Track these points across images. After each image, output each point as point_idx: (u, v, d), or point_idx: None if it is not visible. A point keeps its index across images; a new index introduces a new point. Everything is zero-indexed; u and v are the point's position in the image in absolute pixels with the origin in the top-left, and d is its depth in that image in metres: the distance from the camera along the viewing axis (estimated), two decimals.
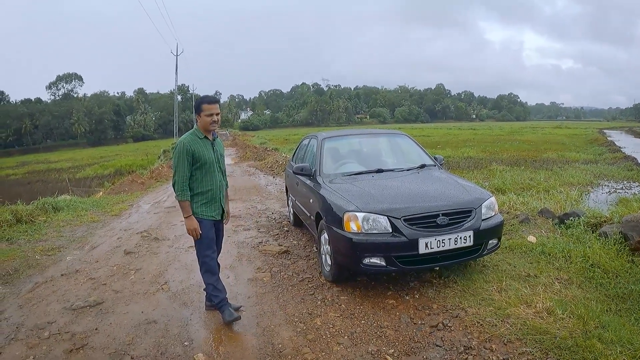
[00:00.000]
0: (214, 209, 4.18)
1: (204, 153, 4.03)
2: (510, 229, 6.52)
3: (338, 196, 4.93)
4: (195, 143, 4.02)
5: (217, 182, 4.16)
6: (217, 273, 4.27)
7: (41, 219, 8.95)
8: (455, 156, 21.73)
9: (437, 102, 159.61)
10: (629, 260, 5.10)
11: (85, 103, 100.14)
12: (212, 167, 4.09)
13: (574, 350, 3.43)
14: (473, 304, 4.32)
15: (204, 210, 4.12)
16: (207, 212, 4.13)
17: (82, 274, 5.72)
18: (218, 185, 4.17)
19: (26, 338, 4.03)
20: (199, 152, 4.00)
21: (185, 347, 3.82)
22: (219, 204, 4.21)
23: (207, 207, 4.13)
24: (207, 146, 4.09)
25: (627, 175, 14.27)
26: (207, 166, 4.06)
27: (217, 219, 4.26)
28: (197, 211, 4.09)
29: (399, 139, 6.90)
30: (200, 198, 4.09)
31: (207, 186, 4.09)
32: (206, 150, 4.06)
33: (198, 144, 4.02)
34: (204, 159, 4.03)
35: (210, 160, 4.07)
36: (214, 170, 4.12)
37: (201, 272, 4.23)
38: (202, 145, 4.04)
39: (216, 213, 4.21)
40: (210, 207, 4.15)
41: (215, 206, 4.18)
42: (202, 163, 4.03)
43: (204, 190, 4.09)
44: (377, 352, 3.65)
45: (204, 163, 4.04)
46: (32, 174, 40.45)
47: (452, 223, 4.51)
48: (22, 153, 76.49)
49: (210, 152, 4.09)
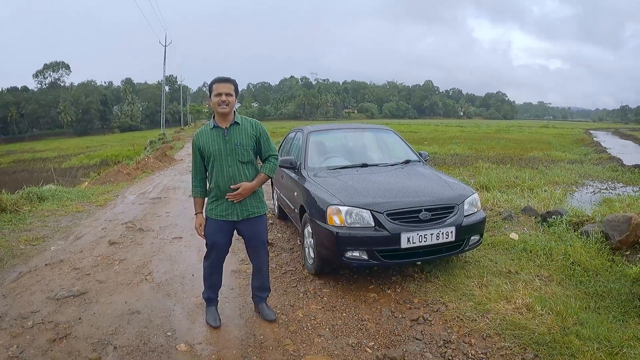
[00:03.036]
0: (225, 207, 3.80)
1: (209, 145, 3.72)
2: (493, 225, 6.60)
3: (322, 190, 4.97)
4: (202, 136, 3.78)
5: (226, 178, 3.72)
6: (217, 289, 4.17)
7: (26, 209, 8.88)
8: (441, 153, 21.79)
9: (425, 99, 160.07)
10: (609, 259, 5.20)
11: (72, 92, 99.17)
12: (219, 160, 3.72)
13: (552, 346, 3.50)
14: (454, 299, 4.39)
15: (211, 208, 3.83)
16: (214, 211, 3.82)
17: (66, 264, 5.70)
18: (227, 181, 3.72)
19: (10, 327, 4.01)
20: (204, 145, 3.74)
21: (168, 337, 3.84)
22: (230, 203, 3.79)
23: (215, 205, 3.82)
24: (216, 137, 3.73)
25: (612, 176, 14.38)
26: (213, 160, 3.73)
27: (230, 220, 3.84)
28: (207, 208, 3.89)
29: (384, 134, 6.94)
30: (210, 195, 3.84)
31: (214, 182, 3.76)
32: (213, 142, 3.72)
33: (205, 136, 3.77)
34: (209, 152, 3.72)
35: (216, 153, 3.71)
36: (222, 164, 3.72)
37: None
38: (210, 136, 3.74)
39: (227, 213, 3.81)
40: (219, 206, 3.81)
41: (225, 205, 3.80)
42: (208, 157, 3.75)
43: (212, 186, 3.80)
44: (357, 344, 3.69)
45: (210, 156, 3.73)
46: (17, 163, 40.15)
47: (434, 218, 4.56)
48: (8, 142, 75.62)
49: (218, 143, 3.72)
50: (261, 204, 3.95)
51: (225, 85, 3.66)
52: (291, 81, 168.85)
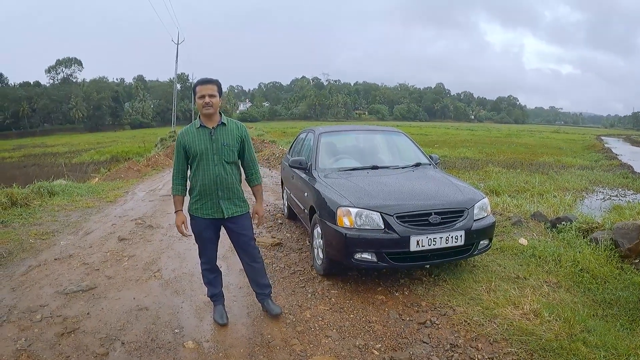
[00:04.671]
0: (210, 206, 3.83)
1: (195, 144, 3.73)
2: (502, 230, 6.57)
3: (332, 191, 4.97)
4: (188, 134, 3.79)
5: (212, 177, 3.76)
6: (218, 286, 4.19)
7: (36, 203, 8.96)
8: (452, 156, 21.82)
9: (437, 102, 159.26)
10: (618, 266, 5.16)
11: (84, 88, 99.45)
12: (204, 159, 3.74)
13: (559, 353, 3.48)
14: (461, 303, 4.37)
15: (197, 207, 3.85)
16: (201, 211, 3.84)
17: (75, 259, 5.74)
18: (213, 180, 3.76)
19: (18, 320, 4.05)
20: (189, 144, 3.75)
21: (175, 334, 3.86)
22: (215, 202, 3.82)
23: (200, 204, 3.84)
24: (203, 136, 3.75)
25: (622, 183, 14.33)
26: (199, 158, 3.74)
27: (217, 217, 3.88)
28: (191, 208, 3.91)
29: (395, 137, 6.92)
30: (194, 194, 3.86)
31: (198, 181, 3.78)
32: (199, 141, 3.74)
33: (191, 135, 3.77)
34: (195, 151, 3.73)
35: (202, 152, 3.73)
36: (208, 163, 3.75)
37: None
38: (196, 135, 3.76)
39: (213, 211, 3.84)
40: (204, 205, 3.84)
41: (210, 204, 3.83)
42: (193, 155, 3.75)
43: (195, 185, 3.83)
44: (364, 346, 3.70)
45: (195, 155, 3.74)
46: (29, 158, 40.32)
47: (444, 222, 4.54)
48: (19, 136, 76.02)
49: (204, 142, 3.74)
50: (244, 203, 4.00)
51: (207, 87, 3.69)
52: (302, 81, 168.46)
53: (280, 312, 4.15)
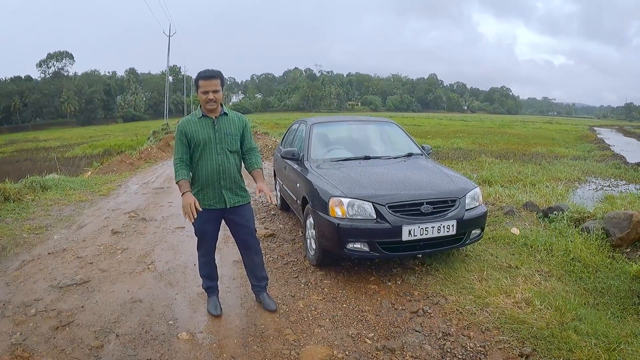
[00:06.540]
0: (212, 196, 3.81)
1: (197, 133, 3.72)
2: (495, 220, 6.61)
3: (324, 181, 4.98)
4: (190, 124, 3.76)
5: (215, 166, 3.75)
6: (215, 278, 4.19)
7: (29, 198, 8.91)
8: (445, 147, 21.82)
9: (429, 92, 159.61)
10: (609, 255, 5.20)
11: (76, 82, 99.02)
12: (207, 148, 3.74)
13: (550, 341, 3.52)
14: (453, 292, 4.41)
15: (199, 198, 3.69)
16: (202, 201, 3.71)
17: (69, 253, 5.73)
18: (215, 169, 3.75)
19: (13, 315, 4.04)
20: (191, 133, 3.72)
21: (169, 325, 3.87)
22: (217, 191, 3.81)
23: (202, 194, 3.78)
24: (205, 126, 3.75)
25: (615, 173, 14.37)
26: (202, 148, 3.73)
27: (218, 208, 3.85)
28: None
29: (387, 127, 6.94)
30: (196, 184, 3.81)
31: (200, 170, 3.76)
32: (202, 131, 3.73)
33: (193, 124, 3.75)
34: (197, 140, 3.71)
35: (205, 141, 3.72)
36: (211, 152, 3.74)
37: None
38: (199, 125, 3.75)
39: (215, 201, 3.82)
40: (206, 195, 3.80)
41: (212, 194, 3.80)
42: (195, 144, 3.73)
43: (197, 175, 3.79)
44: (357, 335, 3.72)
45: (197, 144, 3.72)
46: (21, 153, 40.04)
47: (436, 212, 4.57)
48: (11, 131, 75.57)
49: (207, 132, 3.74)
50: (245, 193, 3.99)
51: (211, 83, 3.66)
52: (295, 73, 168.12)
53: (276, 308, 4.14)
